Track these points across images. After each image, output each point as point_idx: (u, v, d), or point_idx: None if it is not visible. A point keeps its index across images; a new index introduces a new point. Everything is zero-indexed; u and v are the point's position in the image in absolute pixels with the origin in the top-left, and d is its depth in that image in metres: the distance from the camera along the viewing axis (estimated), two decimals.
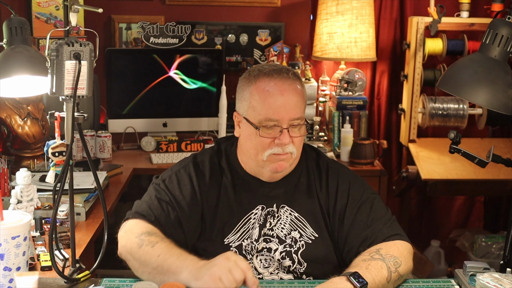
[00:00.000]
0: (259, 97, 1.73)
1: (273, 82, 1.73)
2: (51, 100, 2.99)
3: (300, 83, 1.78)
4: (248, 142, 1.77)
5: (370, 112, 3.77)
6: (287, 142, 1.72)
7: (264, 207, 1.80)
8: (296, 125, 1.73)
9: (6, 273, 1.51)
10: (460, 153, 1.88)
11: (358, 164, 3.28)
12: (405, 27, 3.68)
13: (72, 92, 1.57)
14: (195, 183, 1.80)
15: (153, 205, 1.76)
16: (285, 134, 1.71)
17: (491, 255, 3.53)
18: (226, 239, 1.77)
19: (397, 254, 1.66)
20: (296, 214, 1.80)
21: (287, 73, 1.76)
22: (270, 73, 1.75)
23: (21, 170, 2.23)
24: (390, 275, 1.60)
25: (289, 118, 1.72)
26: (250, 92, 1.75)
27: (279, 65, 1.82)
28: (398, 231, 1.75)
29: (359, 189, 1.82)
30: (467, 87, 1.75)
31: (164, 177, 1.83)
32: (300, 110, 1.75)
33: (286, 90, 1.72)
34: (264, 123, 1.72)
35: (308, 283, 1.69)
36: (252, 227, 1.78)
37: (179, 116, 3.60)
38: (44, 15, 3.33)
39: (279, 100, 1.71)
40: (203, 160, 1.85)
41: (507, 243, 1.87)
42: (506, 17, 1.75)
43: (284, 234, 1.78)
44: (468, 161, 1.90)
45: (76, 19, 1.64)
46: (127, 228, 1.72)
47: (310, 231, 1.78)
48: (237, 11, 3.79)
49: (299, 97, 1.75)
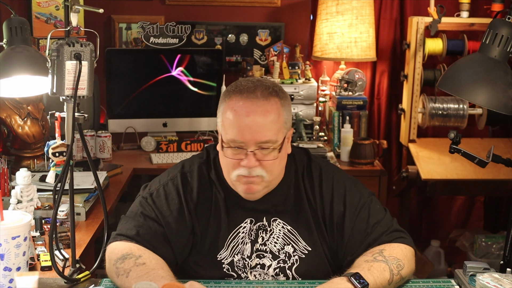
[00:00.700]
0: (228, 115, 1.65)
1: (242, 102, 1.63)
2: (51, 100, 2.99)
3: (276, 100, 1.65)
4: (221, 159, 1.72)
5: (370, 112, 3.77)
6: (252, 165, 1.63)
7: (253, 221, 1.75)
8: (266, 148, 1.64)
9: (6, 273, 1.51)
10: (460, 153, 1.88)
11: (358, 164, 3.28)
12: (405, 27, 3.68)
13: (73, 92, 1.57)
14: (183, 198, 1.74)
15: (138, 222, 1.70)
16: (250, 157, 1.63)
17: (491, 255, 3.53)
18: (219, 255, 1.73)
19: (401, 257, 1.65)
20: (289, 227, 1.74)
21: (260, 92, 1.64)
22: (242, 92, 1.65)
23: (21, 170, 2.23)
24: (392, 278, 1.59)
25: (255, 141, 1.62)
26: (223, 109, 1.67)
27: (259, 81, 1.70)
28: (401, 233, 1.74)
29: (356, 194, 1.76)
30: (467, 87, 1.75)
31: (151, 191, 1.77)
32: (271, 132, 1.63)
33: (253, 111, 1.62)
34: (230, 144, 1.64)
35: (308, 283, 1.68)
36: (242, 242, 1.73)
37: (179, 116, 3.60)
38: (44, 15, 3.33)
39: (245, 122, 1.62)
40: (192, 170, 1.78)
41: (507, 243, 1.86)
42: (506, 17, 1.75)
43: (277, 249, 1.73)
44: (468, 161, 1.90)
45: (76, 19, 1.64)
46: (108, 253, 1.68)
47: (303, 244, 1.74)
48: (237, 11, 3.79)
49: (269, 118, 1.62)
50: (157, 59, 3.50)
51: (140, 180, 3.56)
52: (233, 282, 1.68)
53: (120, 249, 1.65)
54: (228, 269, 1.72)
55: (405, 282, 1.69)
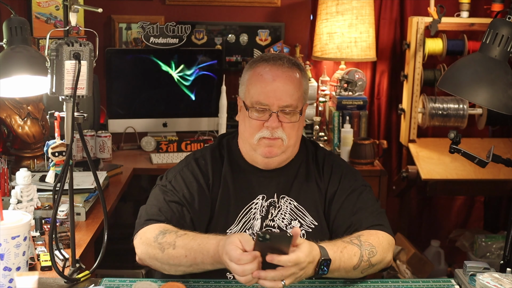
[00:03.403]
0: (253, 80, 1.79)
1: (268, 68, 1.77)
2: (51, 100, 2.99)
3: (298, 72, 1.80)
4: (242, 124, 1.83)
5: (370, 112, 3.77)
6: (275, 126, 1.75)
7: (265, 197, 1.83)
8: (288, 112, 1.76)
9: (6, 273, 1.51)
10: (460, 153, 1.88)
11: (358, 164, 3.28)
12: (405, 27, 3.68)
13: (72, 92, 1.57)
14: (201, 179, 1.82)
15: (163, 208, 1.77)
16: (273, 117, 1.75)
17: (491, 255, 3.53)
18: (229, 230, 1.79)
19: (376, 244, 1.68)
20: (296, 203, 1.83)
21: (285, 60, 1.79)
22: (269, 59, 1.79)
23: (21, 170, 2.23)
24: (360, 263, 1.63)
25: (278, 104, 1.75)
26: (248, 76, 1.81)
27: (283, 54, 1.85)
28: (383, 222, 1.78)
29: (351, 179, 1.86)
30: (467, 87, 1.75)
31: (169, 178, 1.84)
32: (292, 98, 1.76)
33: (278, 76, 1.76)
34: (255, 106, 1.76)
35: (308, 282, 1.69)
36: (254, 218, 1.81)
37: (179, 116, 3.60)
38: (44, 15, 3.33)
39: (270, 85, 1.75)
40: (204, 154, 1.88)
41: (507, 243, 1.86)
42: (506, 17, 1.75)
43: (285, 224, 1.81)
44: (468, 161, 1.90)
45: (76, 19, 1.64)
46: (141, 235, 1.72)
47: (310, 219, 1.82)
48: (237, 11, 3.79)
49: (292, 85, 1.77)
50: (157, 59, 3.50)
51: (140, 180, 3.56)
52: (233, 282, 1.68)
53: (154, 229, 1.69)
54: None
55: (405, 282, 1.69)
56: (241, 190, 1.83)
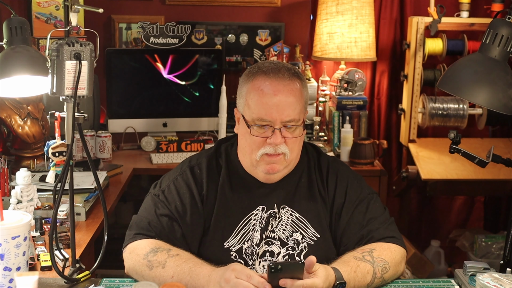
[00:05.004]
0: (253, 95, 1.71)
1: (269, 82, 1.70)
2: (51, 100, 2.99)
3: (299, 82, 1.73)
4: (243, 139, 1.76)
5: (370, 112, 3.77)
6: (279, 142, 1.69)
7: (265, 208, 1.78)
8: (290, 127, 1.71)
9: (6, 273, 1.51)
10: (460, 153, 1.88)
11: (358, 164, 3.28)
12: (405, 27, 3.68)
13: (73, 92, 1.57)
14: (194, 190, 1.77)
15: (153, 222, 1.73)
16: (276, 134, 1.69)
17: (491, 255, 3.53)
18: (226, 242, 1.75)
19: (389, 259, 1.67)
20: (297, 214, 1.78)
21: (285, 72, 1.72)
22: (268, 72, 1.71)
23: (21, 170, 2.23)
24: (373, 281, 1.63)
25: (281, 119, 1.69)
26: (247, 89, 1.74)
27: (280, 63, 1.78)
28: (395, 233, 1.76)
29: (357, 189, 1.81)
30: (467, 87, 1.75)
31: (163, 188, 1.80)
32: (295, 111, 1.70)
33: (280, 91, 1.69)
34: (257, 122, 1.70)
35: None
36: (253, 229, 1.76)
37: (179, 116, 3.60)
38: (44, 15, 3.33)
39: (272, 101, 1.68)
40: (200, 163, 1.82)
41: (507, 243, 1.86)
42: (506, 17, 1.75)
43: (286, 236, 1.76)
44: (468, 161, 1.90)
45: (76, 19, 1.64)
46: (131, 249, 1.70)
47: (312, 231, 1.77)
48: (237, 11, 3.79)
49: (295, 98, 1.70)
50: (157, 59, 3.49)
51: (140, 180, 3.56)
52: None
53: (146, 245, 1.68)
54: (236, 256, 1.74)
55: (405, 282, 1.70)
56: (239, 201, 1.78)
